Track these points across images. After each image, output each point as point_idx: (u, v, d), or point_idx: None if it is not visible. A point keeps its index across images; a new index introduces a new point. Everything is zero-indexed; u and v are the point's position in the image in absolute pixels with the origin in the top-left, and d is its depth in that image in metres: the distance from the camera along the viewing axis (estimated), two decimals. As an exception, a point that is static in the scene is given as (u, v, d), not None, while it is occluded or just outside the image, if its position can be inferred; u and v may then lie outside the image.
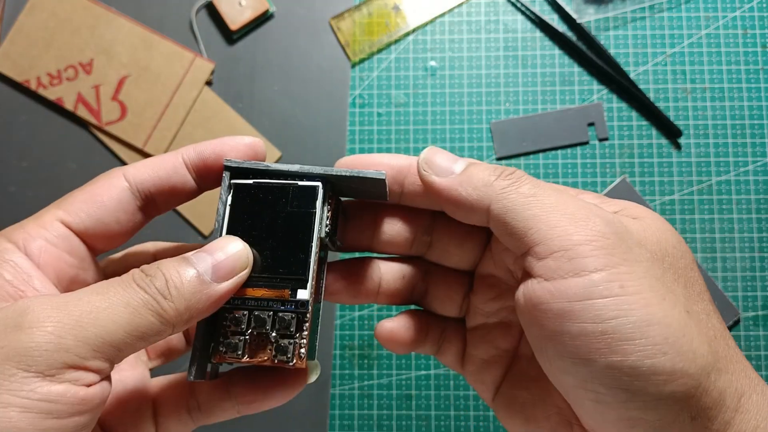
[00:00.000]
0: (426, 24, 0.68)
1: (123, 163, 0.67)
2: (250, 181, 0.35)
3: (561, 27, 0.67)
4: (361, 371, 0.64)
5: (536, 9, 0.68)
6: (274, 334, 0.33)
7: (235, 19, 0.67)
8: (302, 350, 0.33)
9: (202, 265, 0.30)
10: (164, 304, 0.29)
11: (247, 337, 0.33)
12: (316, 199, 0.34)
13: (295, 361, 0.33)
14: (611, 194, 0.65)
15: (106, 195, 0.34)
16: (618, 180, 0.65)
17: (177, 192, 0.35)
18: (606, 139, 0.66)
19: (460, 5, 0.68)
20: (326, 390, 0.64)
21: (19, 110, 0.67)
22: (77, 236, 0.33)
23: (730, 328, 0.64)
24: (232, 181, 0.35)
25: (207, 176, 0.35)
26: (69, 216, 0.33)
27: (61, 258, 0.32)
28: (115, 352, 0.28)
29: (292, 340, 0.33)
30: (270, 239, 0.35)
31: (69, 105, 0.66)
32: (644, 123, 0.66)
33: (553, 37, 0.67)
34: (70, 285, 0.32)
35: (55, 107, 0.67)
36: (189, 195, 0.36)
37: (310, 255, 0.34)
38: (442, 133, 0.67)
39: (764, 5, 0.67)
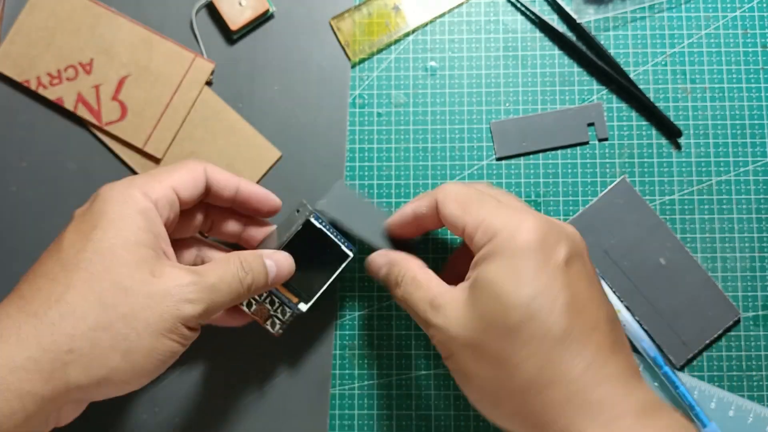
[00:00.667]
0: (426, 24, 0.68)
1: (123, 162, 0.67)
2: (318, 225, 0.56)
3: (561, 27, 0.67)
4: (361, 371, 0.64)
5: (536, 9, 0.68)
6: (272, 312, 0.58)
7: (235, 19, 0.67)
8: (280, 330, 0.59)
9: (270, 263, 0.51)
10: (248, 279, 0.48)
11: (258, 303, 0.57)
12: (345, 260, 0.58)
13: (274, 332, 0.59)
14: (611, 194, 0.65)
15: (201, 176, 0.51)
16: (618, 180, 0.65)
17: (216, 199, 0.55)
18: (606, 139, 0.66)
19: (460, 5, 0.68)
20: (326, 390, 0.64)
21: (19, 110, 0.67)
22: (178, 200, 0.49)
23: (730, 329, 0.64)
24: (309, 218, 0.56)
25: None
26: (179, 187, 0.49)
27: (170, 216, 0.48)
28: (218, 310, 0.47)
29: (280, 322, 0.58)
30: (307, 263, 0.56)
31: (69, 105, 0.66)
32: (644, 123, 0.66)
33: (553, 37, 0.67)
34: (170, 226, 0.49)
35: (55, 107, 0.67)
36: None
37: (321, 288, 0.58)
38: (442, 133, 0.67)
39: (764, 5, 0.67)
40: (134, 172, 0.67)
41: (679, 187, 0.65)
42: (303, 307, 0.58)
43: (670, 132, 0.66)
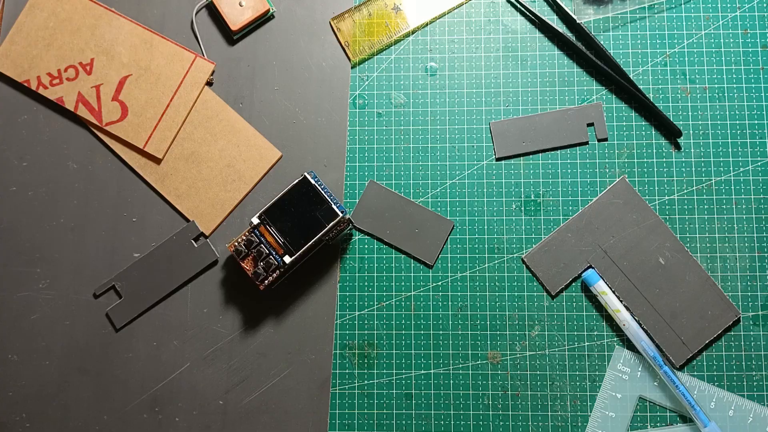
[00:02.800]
0: (426, 24, 0.68)
1: (124, 162, 0.67)
2: (312, 182, 0.61)
3: (560, 27, 0.68)
4: (360, 371, 0.65)
5: (536, 9, 0.68)
6: (261, 264, 0.61)
7: (235, 20, 0.67)
8: (265, 282, 0.61)
9: None
10: None
11: (248, 252, 0.61)
12: (334, 219, 0.60)
13: (259, 284, 0.61)
14: (611, 194, 0.65)
15: None
16: (617, 180, 0.65)
17: None
18: (605, 139, 0.66)
19: (459, 6, 0.68)
20: (326, 390, 0.64)
21: (19, 110, 0.67)
22: None
23: (730, 328, 0.64)
24: (305, 174, 0.60)
25: None
26: None
27: None
28: None
29: (266, 274, 0.61)
30: (297, 218, 0.60)
31: (69, 105, 0.66)
32: (644, 123, 0.66)
33: (553, 37, 0.67)
34: None
35: (56, 107, 0.67)
36: None
37: (307, 243, 0.60)
38: (442, 133, 0.67)
39: (764, 5, 0.67)
40: (135, 172, 0.67)
41: (679, 187, 0.65)
42: (287, 259, 0.60)
43: (670, 132, 0.66)
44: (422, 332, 0.65)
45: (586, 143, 0.66)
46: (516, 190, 0.66)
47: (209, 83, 0.68)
